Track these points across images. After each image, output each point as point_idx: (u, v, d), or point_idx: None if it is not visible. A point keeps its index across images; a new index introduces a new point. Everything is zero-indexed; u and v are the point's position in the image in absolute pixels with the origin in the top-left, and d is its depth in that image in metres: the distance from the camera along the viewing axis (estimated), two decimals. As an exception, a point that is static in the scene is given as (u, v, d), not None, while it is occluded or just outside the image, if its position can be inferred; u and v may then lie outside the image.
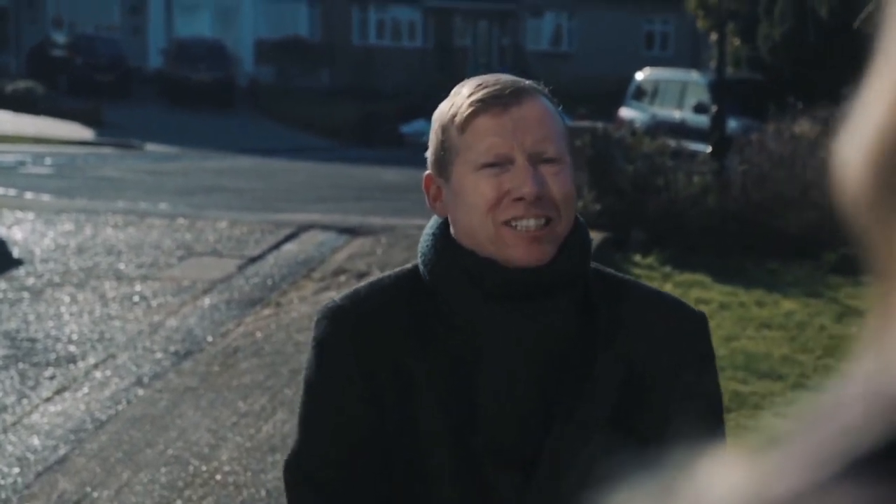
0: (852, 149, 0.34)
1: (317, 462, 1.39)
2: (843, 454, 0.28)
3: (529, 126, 1.35)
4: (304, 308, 6.28)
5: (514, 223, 1.33)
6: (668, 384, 1.38)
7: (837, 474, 0.27)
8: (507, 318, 1.35)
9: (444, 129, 1.38)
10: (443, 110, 1.40)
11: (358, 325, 1.39)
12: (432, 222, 1.43)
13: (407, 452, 1.37)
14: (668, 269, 7.80)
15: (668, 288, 7.30)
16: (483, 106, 1.35)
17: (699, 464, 0.31)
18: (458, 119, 1.36)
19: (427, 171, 1.42)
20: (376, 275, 6.27)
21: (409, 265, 1.45)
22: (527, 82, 1.40)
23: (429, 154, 1.42)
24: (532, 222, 1.33)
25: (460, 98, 1.38)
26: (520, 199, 1.33)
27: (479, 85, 1.37)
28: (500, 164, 1.34)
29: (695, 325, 1.44)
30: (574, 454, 1.34)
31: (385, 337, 1.38)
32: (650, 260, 7.99)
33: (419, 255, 1.42)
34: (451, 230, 1.40)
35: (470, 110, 1.35)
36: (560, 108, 1.42)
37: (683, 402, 1.38)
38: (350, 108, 25.20)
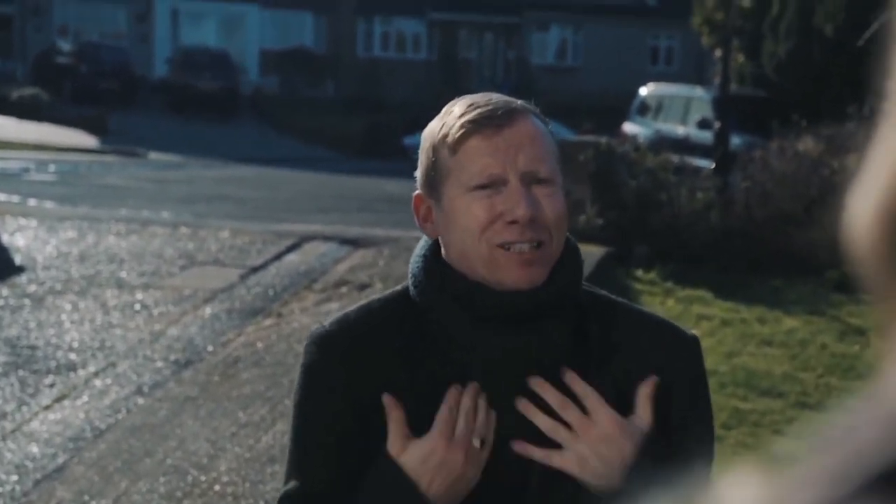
0: (863, 203, 0.35)
1: (308, 490, 1.38)
2: (857, 473, 0.29)
3: (522, 146, 1.33)
4: (306, 319, 6.28)
5: (507, 246, 1.33)
6: (661, 407, 1.37)
7: (851, 493, 0.28)
8: (498, 341, 1.34)
9: (435, 149, 1.37)
10: (433, 130, 1.38)
11: (347, 350, 1.38)
12: (422, 243, 1.43)
13: None
14: (670, 284, 7.79)
15: (670, 303, 7.29)
16: (475, 127, 1.34)
17: (718, 481, 0.32)
18: (449, 140, 1.35)
19: (416, 191, 1.41)
20: (378, 287, 6.21)
21: (399, 287, 1.45)
22: (518, 102, 1.38)
23: (418, 174, 1.40)
24: (525, 246, 1.32)
25: (451, 118, 1.36)
26: (513, 222, 1.32)
27: (471, 105, 1.36)
28: (492, 185, 1.33)
29: (687, 347, 1.43)
30: (564, 477, 1.33)
31: (374, 361, 1.38)
32: (652, 275, 7.98)
33: (410, 276, 1.41)
34: (443, 251, 1.39)
35: (462, 131, 1.34)
36: (550, 126, 1.41)
37: (675, 425, 1.38)
38: (354, 119, 25.25)
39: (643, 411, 1.34)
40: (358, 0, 32.73)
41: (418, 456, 1.31)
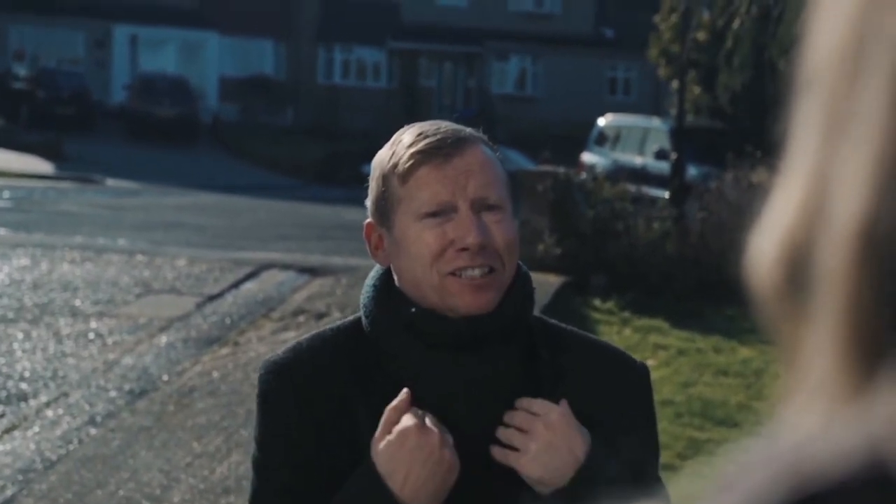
0: (766, 243, 0.36)
1: None
2: None
3: (471, 173, 1.35)
4: (263, 348, 6.23)
5: (458, 273, 1.34)
6: (610, 434, 1.39)
7: None
8: (449, 368, 1.35)
9: (385, 178, 1.38)
10: (383, 159, 1.39)
11: (300, 379, 1.38)
12: (373, 273, 1.43)
13: None
14: (626, 314, 7.84)
15: (626, 333, 7.33)
16: (424, 157, 1.35)
17: None
18: (399, 170, 1.36)
19: (368, 220, 1.42)
20: (335, 315, 6.16)
21: (351, 317, 1.45)
22: (467, 130, 1.40)
23: (369, 202, 1.41)
24: (477, 272, 1.34)
25: (401, 147, 1.37)
26: (464, 249, 1.33)
27: (420, 134, 1.37)
28: (442, 212, 1.34)
29: (637, 375, 1.45)
30: (525, 499, 1.34)
31: (328, 389, 1.38)
32: (610, 305, 8.02)
33: (361, 307, 1.41)
34: (395, 279, 1.40)
35: (411, 162, 1.35)
36: (499, 154, 1.42)
37: (622, 451, 1.39)
38: (314, 146, 25.25)
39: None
40: (318, 28, 32.80)
41: (394, 441, 1.30)
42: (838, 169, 0.34)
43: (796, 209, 0.35)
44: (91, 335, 6.62)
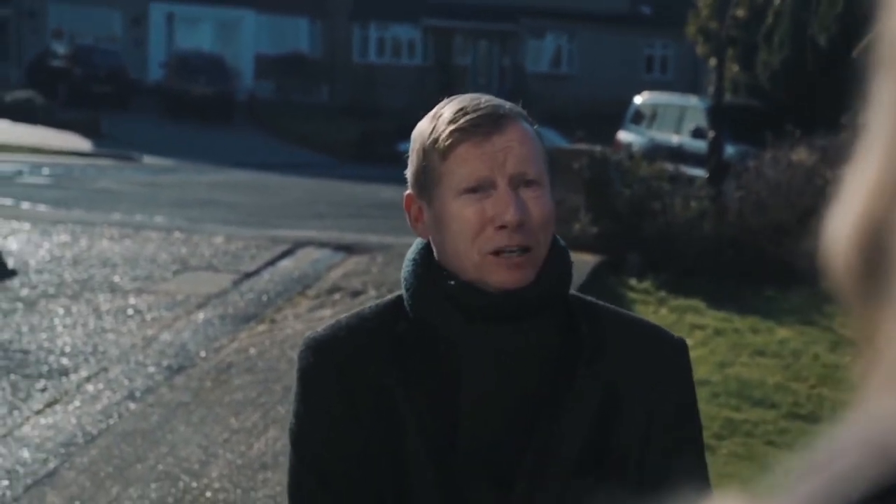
0: (841, 225, 0.35)
1: (309, 494, 1.40)
2: (838, 498, 0.29)
3: (510, 150, 1.36)
4: (299, 325, 6.27)
5: (497, 252, 1.35)
6: (648, 410, 1.39)
7: None
8: (488, 339, 1.36)
9: (426, 152, 1.39)
10: (423, 132, 1.40)
11: (340, 356, 1.40)
12: (414, 247, 1.45)
13: (392, 480, 1.37)
14: (663, 293, 7.79)
15: (662, 313, 7.29)
16: (463, 135, 1.36)
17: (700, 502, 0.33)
18: (439, 145, 1.37)
19: (407, 191, 1.43)
20: (371, 293, 6.17)
21: (391, 296, 1.47)
22: (507, 105, 1.41)
23: (409, 174, 1.42)
24: (515, 251, 1.35)
25: (441, 123, 1.38)
26: (503, 226, 1.34)
27: (460, 110, 1.38)
28: (481, 188, 1.36)
29: (675, 350, 1.45)
30: (550, 475, 1.35)
31: (368, 366, 1.39)
32: (646, 284, 7.98)
33: (402, 280, 1.43)
34: (434, 253, 1.41)
35: (450, 140, 1.36)
36: (536, 127, 1.43)
37: (663, 429, 1.39)
38: (349, 124, 25.26)
39: None
40: (353, 6, 32.76)
41: None
42: None
43: (872, 189, 0.35)
44: (130, 311, 6.69)
